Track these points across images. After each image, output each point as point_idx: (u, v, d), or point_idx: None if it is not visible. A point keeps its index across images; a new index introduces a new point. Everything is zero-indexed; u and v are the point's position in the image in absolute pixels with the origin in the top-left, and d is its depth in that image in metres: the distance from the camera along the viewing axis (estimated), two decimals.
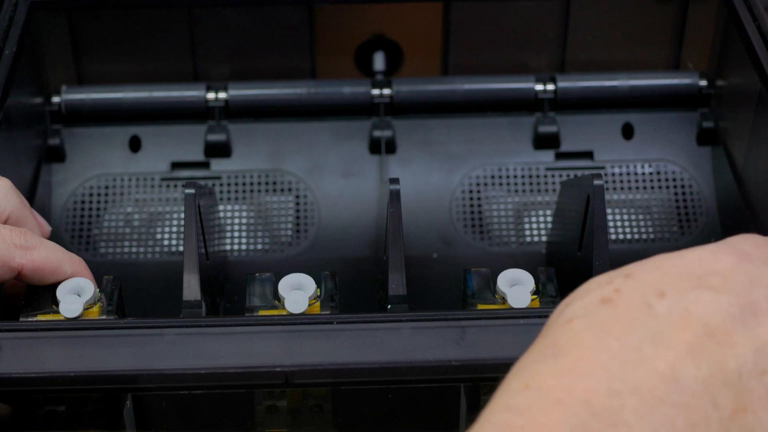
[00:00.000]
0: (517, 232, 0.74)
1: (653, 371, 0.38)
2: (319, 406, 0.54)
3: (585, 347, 0.39)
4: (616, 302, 0.40)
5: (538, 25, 0.78)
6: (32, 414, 0.53)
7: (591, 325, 0.39)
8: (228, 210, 0.74)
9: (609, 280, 0.41)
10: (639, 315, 0.39)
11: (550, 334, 0.40)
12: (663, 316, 0.39)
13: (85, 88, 0.77)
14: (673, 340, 0.38)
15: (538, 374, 0.39)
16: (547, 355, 0.39)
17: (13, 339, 0.51)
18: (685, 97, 0.77)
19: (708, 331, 0.38)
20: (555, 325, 0.40)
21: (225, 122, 0.77)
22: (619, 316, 0.39)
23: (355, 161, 0.76)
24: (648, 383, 0.37)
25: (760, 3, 0.70)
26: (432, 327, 0.51)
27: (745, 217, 0.69)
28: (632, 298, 0.40)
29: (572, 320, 0.40)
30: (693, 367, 0.38)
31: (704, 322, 0.39)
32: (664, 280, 0.40)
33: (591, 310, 0.40)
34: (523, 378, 0.39)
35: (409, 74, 0.81)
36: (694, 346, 0.38)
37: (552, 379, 0.38)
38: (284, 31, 0.78)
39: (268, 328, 0.51)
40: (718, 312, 0.39)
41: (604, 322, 0.39)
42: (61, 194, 0.75)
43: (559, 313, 0.41)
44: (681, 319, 0.39)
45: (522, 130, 0.77)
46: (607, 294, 0.40)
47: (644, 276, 0.40)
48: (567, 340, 0.39)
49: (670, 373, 0.38)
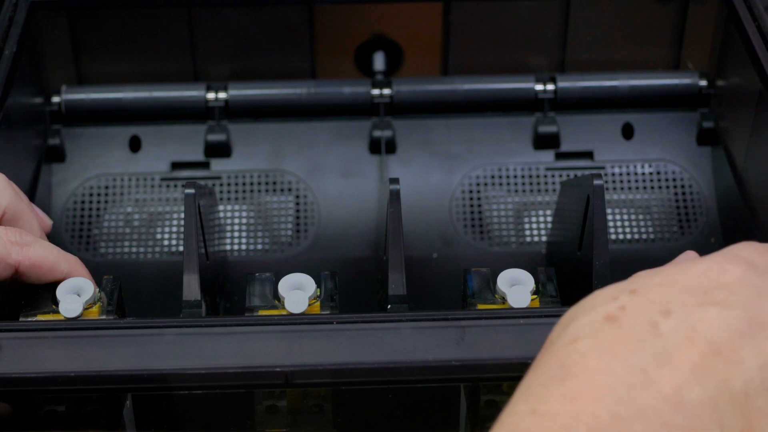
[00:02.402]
0: (517, 232, 0.74)
1: (659, 394, 0.38)
2: (319, 406, 0.54)
3: (591, 369, 0.38)
4: (621, 321, 0.40)
5: (538, 25, 0.78)
6: (32, 414, 0.53)
7: (596, 346, 0.39)
8: (228, 210, 0.74)
9: (615, 295, 0.41)
10: (644, 335, 0.39)
11: (554, 352, 0.40)
12: (668, 335, 0.39)
13: (85, 88, 0.77)
14: (679, 361, 0.38)
15: (545, 399, 0.38)
16: (554, 377, 0.39)
17: (13, 339, 0.51)
18: (685, 97, 0.77)
19: (714, 349, 0.38)
20: (559, 342, 0.40)
21: (225, 122, 0.77)
22: (624, 336, 0.39)
23: (355, 161, 0.76)
24: (653, 407, 0.37)
25: (760, 3, 0.70)
26: (432, 327, 0.51)
27: (745, 217, 0.69)
28: (637, 317, 0.40)
29: (577, 340, 0.40)
30: (699, 388, 0.38)
31: (710, 340, 0.39)
32: (671, 297, 0.40)
33: (596, 328, 0.40)
34: (531, 402, 0.39)
35: (409, 74, 0.81)
36: (700, 366, 0.38)
37: (558, 404, 0.38)
38: (284, 31, 0.78)
39: (268, 328, 0.51)
40: (725, 328, 0.39)
41: (610, 342, 0.39)
42: (61, 194, 0.75)
43: (564, 327, 0.41)
44: (686, 339, 0.39)
45: (522, 130, 0.77)
46: (612, 312, 0.40)
47: (650, 293, 0.40)
48: (573, 362, 0.39)
49: (676, 396, 0.37)
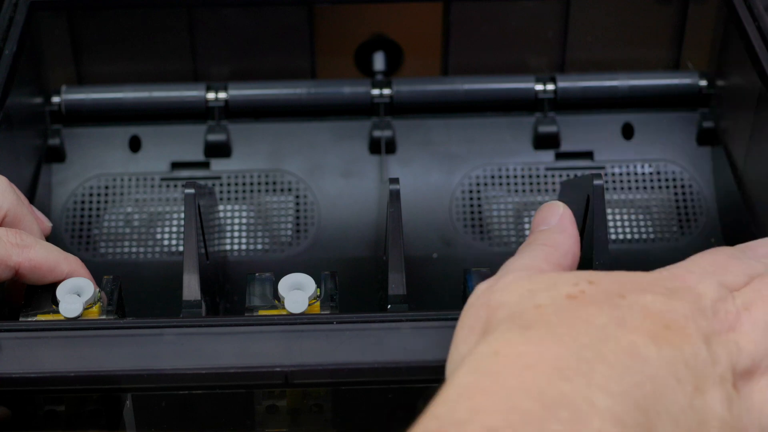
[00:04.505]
0: (517, 232, 0.74)
1: (618, 346, 0.40)
2: (319, 406, 0.54)
3: (555, 324, 0.41)
4: (581, 299, 0.42)
5: (538, 25, 0.78)
6: (32, 414, 0.53)
7: (559, 310, 0.42)
8: (228, 210, 0.74)
9: (575, 282, 0.44)
10: (603, 306, 0.42)
11: (518, 313, 0.42)
12: (625, 308, 0.42)
13: (85, 88, 0.77)
14: (635, 327, 0.41)
15: (509, 342, 0.41)
16: (518, 327, 0.41)
17: (13, 339, 0.51)
18: (685, 97, 0.77)
19: (665, 324, 0.41)
20: (521, 306, 0.43)
21: (225, 122, 0.77)
22: (586, 305, 0.42)
23: (355, 161, 0.76)
24: (614, 355, 0.40)
25: (760, 3, 0.70)
26: (432, 327, 0.51)
27: (745, 217, 0.69)
28: (596, 297, 0.43)
29: (541, 306, 0.42)
30: (654, 348, 0.40)
31: (662, 317, 0.42)
32: (624, 287, 0.43)
33: (558, 301, 0.43)
34: (493, 345, 0.41)
35: (409, 74, 0.81)
36: (654, 334, 0.41)
37: (522, 347, 0.40)
38: (284, 31, 0.78)
39: (268, 328, 0.51)
40: (672, 311, 0.42)
41: (572, 310, 0.42)
42: (61, 194, 0.75)
43: (523, 295, 0.44)
44: (641, 313, 0.42)
45: (522, 130, 0.77)
46: (573, 292, 0.43)
47: (606, 283, 0.44)
48: (536, 320, 0.42)
49: (634, 350, 0.40)
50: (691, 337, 0.41)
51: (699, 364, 0.41)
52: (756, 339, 0.43)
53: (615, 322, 0.41)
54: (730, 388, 0.41)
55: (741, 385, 0.42)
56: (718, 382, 0.41)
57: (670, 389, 0.39)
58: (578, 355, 0.39)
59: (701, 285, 0.44)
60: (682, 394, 0.40)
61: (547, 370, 0.39)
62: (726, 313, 0.43)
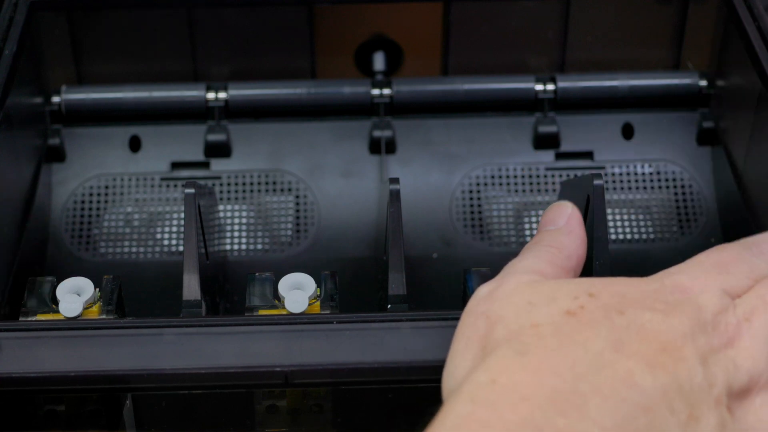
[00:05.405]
0: (517, 232, 0.74)
1: (615, 374, 0.40)
2: (319, 406, 0.54)
3: (551, 349, 0.41)
4: (580, 316, 0.43)
5: (538, 25, 0.78)
6: (32, 414, 0.53)
7: (556, 332, 0.42)
8: (228, 210, 0.74)
9: (575, 294, 0.44)
10: (601, 328, 0.42)
11: (515, 332, 0.43)
12: (623, 330, 0.42)
13: (85, 88, 0.77)
14: (633, 351, 0.41)
15: (506, 369, 0.41)
16: (515, 352, 0.42)
17: (13, 339, 0.51)
18: (685, 97, 0.77)
19: (662, 347, 0.42)
20: (518, 323, 0.43)
21: (225, 122, 0.77)
22: (583, 326, 0.42)
23: (355, 161, 0.76)
24: (610, 385, 0.40)
25: (760, 3, 0.70)
26: (432, 327, 0.51)
27: (745, 217, 0.69)
28: (595, 314, 0.43)
29: (538, 325, 0.43)
30: (650, 377, 0.41)
31: (659, 339, 0.42)
32: (624, 302, 0.43)
33: (556, 319, 0.43)
34: (490, 373, 0.41)
35: (409, 74, 0.81)
36: (650, 359, 0.41)
37: (519, 376, 0.40)
38: (284, 31, 0.78)
39: (268, 328, 0.51)
40: (671, 329, 0.42)
41: (569, 331, 0.42)
42: (61, 194, 0.75)
43: (520, 309, 0.44)
44: (638, 335, 0.42)
45: (522, 130, 0.77)
46: (572, 308, 0.43)
47: (606, 297, 0.44)
48: (534, 342, 0.42)
49: (630, 378, 0.40)
50: (688, 361, 0.41)
51: (694, 389, 0.41)
52: (754, 354, 0.43)
53: (612, 346, 0.41)
54: (725, 411, 0.42)
55: (735, 406, 0.42)
56: (713, 406, 0.41)
57: (663, 420, 0.40)
58: (574, 388, 0.40)
59: (703, 296, 0.44)
60: (675, 425, 0.40)
61: (543, 404, 0.39)
62: (726, 325, 0.43)
